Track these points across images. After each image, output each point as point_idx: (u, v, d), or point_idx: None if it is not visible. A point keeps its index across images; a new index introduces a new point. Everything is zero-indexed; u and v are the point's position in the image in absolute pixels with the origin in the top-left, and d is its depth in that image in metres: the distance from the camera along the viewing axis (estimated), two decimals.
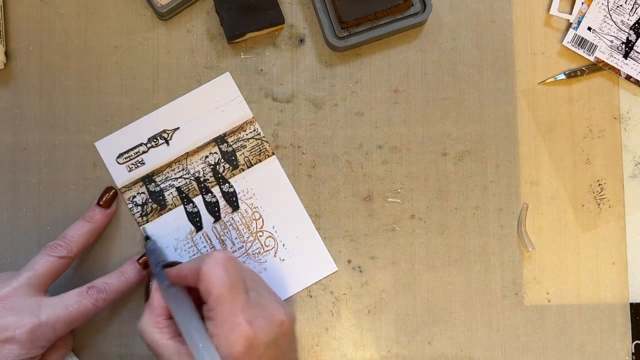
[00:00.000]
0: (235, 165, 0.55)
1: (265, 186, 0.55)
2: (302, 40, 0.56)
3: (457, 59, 0.56)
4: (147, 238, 0.53)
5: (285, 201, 0.55)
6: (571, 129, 0.56)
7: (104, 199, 0.53)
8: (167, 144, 0.55)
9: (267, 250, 0.55)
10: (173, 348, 0.44)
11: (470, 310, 0.55)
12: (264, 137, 0.55)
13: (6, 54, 0.55)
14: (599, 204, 0.56)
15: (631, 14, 0.56)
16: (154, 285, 0.48)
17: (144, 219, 0.54)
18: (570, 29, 0.56)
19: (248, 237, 0.55)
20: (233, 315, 0.42)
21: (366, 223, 0.55)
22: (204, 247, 0.54)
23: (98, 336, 0.54)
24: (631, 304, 0.55)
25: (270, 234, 0.55)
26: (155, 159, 0.55)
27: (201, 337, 0.43)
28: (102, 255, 0.54)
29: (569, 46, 0.56)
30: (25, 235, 0.54)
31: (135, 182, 0.55)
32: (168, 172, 0.55)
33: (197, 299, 0.46)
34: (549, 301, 0.55)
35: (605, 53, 0.56)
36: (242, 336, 0.42)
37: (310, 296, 0.55)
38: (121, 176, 0.55)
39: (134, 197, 0.55)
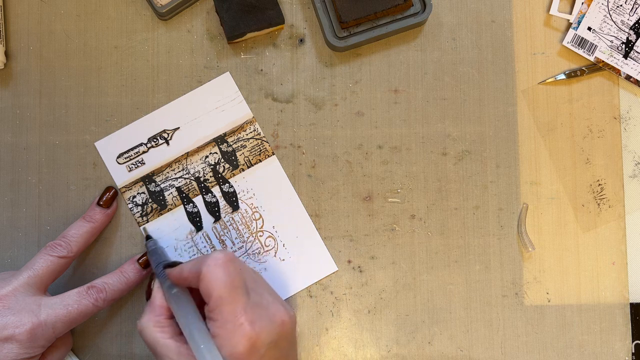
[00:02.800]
0: (235, 165, 0.55)
1: (265, 186, 0.55)
2: (302, 40, 0.56)
3: (457, 58, 0.56)
4: (147, 238, 0.53)
5: (285, 201, 0.55)
6: (571, 129, 0.56)
7: (104, 198, 0.53)
8: (167, 144, 0.55)
9: (267, 250, 0.55)
10: (174, 347, 0.44)
11: (470, 310, 0.55)
12: (264, 137, 0.55)
13: (6, 54, 0.55)
14: (599, 204, 0.56)
15: (631, 14, 0.56)
16: (156, 285, 0.48)
17: (144, 219, 0.54)
18: (570, 29, 0.56)
19: (248, 237, 0.55)
20: (235, 316, 0.42)
21: (366, 223, 0.55)
22: (204, 247, 0.54)
23: (98, 336, 0.54)
24: (631, 304, 0.55)
25: (270, 234, 0.55)
26: (155, 159, 0.55)
27: (203, 337, 0.43)
28: (102, 255, 0.54)
29: (569, 46, 0.56)
30: (25, 235, 0.54)
31: (135, 182, 0.55)
32: (168, 172, 0.55)
33: (198, 299, 0.46)
34: (549, 301, 0.55)
35: (605, 53, 0.56)
36: (244, 337, 0.42)
37: (311, 296, 0.55)
38: (121, 176, 0.55)
39: (134, 197, 0.55)
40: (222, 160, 0.55)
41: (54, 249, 0.49)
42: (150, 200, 0.55)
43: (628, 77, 0.56)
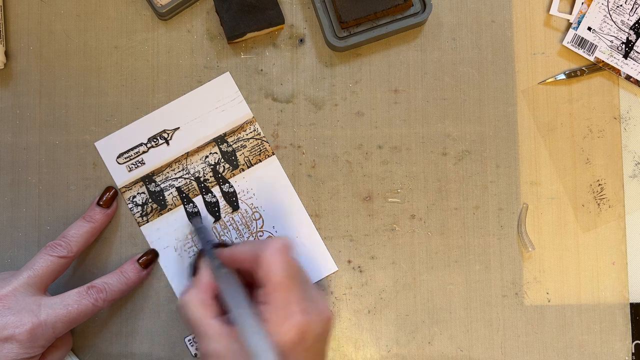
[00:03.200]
0: (235, 165, 0.55)
1: (265, 186, 0.55)
2: (302, 40, 0.56)
3: (457, 58, 0.56)
4: (194, 215, 0.53)
5: (285, 201, 0.55)
6: (571, 129, 0.56)
7: (104, 198, 0.53)
8: (167, 143, 0.55)
9: None
10: (216, 327, 0.43)
11: (470, 310, 0.55)
12: (264, 137, 0.55)
13: (6, 54, 0.55)
14: (599, 204, 0.56)
15: (631, 14, 0.56)
16: (204, 263, 0.47)
17: (144, 219, 0.54)
18: (570, 29, 0.56)
19: (248, 237, 0.55)
20: (289, 304, 0.42)
21: (366, 223, 0.55)
22: None
23: (98, 336, 0.54)
24: (631, 304, 0.55)
25: (271, 234, 0.55)
26: (155, 159, 0.55)
27: (252, 320, 0.42)
28: (102, 255, 0.54)
29: (569, 46, 0.56)
30: (25, 235, 0.54)
31: (135, 182, 0.55)
32: (168, 172, 0.55)
33: (243, 281, 0.46)
34: (549, 301, 0.55)
35: (605, 53, 0.56)
36: (296, 325, 0.42)
37: None
38: (121, 176, 0.55)
39: (134, 197, 0.55)
40: (222, 160, 0.55)
41: (54, 249, 0.49)
42: (150, 200, 0.55)
43: (628, 77, 0.56)
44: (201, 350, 0.44)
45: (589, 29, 0.56)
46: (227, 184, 0.55)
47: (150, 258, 0.53)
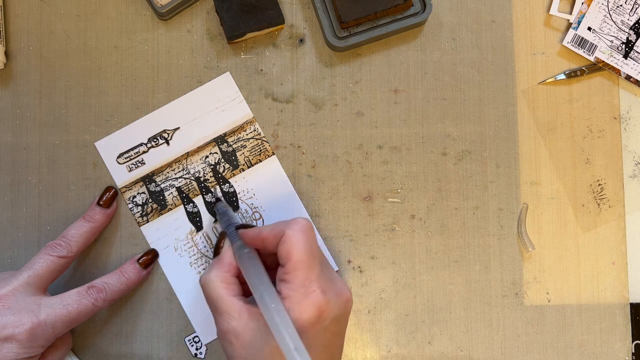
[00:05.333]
0: (235, 165, 0.55)
1: (265, 186, 0.55)
2: (302, 40, 0.56)
3: (457, 59, 0.56)
4: (217, 200, 0.54)
5: (286, 201, 0.55)
6: (571, 129, 0.56)
7: (104, 198, 0.53)
8: (167, 143, 0.55)
9: None
10: (237, 305, 0.44)
11: (470, 310, 0.55)
12: (264, 137, 0.55)
13: (6, 54, 0.55)
14: (599, 204, 0.56)
15: (631, 14, 0.56)
16: (226, 243, 0.48)
17: (144, 219, 0.54)
18: (570, 29, 0.56)
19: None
20: (309, 282, 0.42)
21: (366, 223, 0.55)
22: (204, 247, 0.54)
23: (98, 336, 0.54)
24: (631, 304, 0.55)
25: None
26: (155, 158, 0.55)
27: (273, 298, 0.42)
28: (102, 255, 0.54)
29: (569, 46, 0.56)
30: (25, 235, 0.54)
31: (135, 182, 0.55)
32: (168, 172, 0.55)
33: (264, 263, 0.46)
34: (549, 301, 0.55)
35: (605, 53, 0.56)
36: (315, 304, 0.42)
37: None
38: (121, 176, 0.55)
39: (134, 197, 0.55)
40: (222, 160, 0.55)
41: (54, 248, 0.49)
42: (150, 200, 0.55)
43: (628, 77, 0.56)
44: (220, 328, 0.44)
45: (589, 29, 0.56)
46: (227, 184, 0.55)
47: (150, 258, 0.53)
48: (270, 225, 0.46)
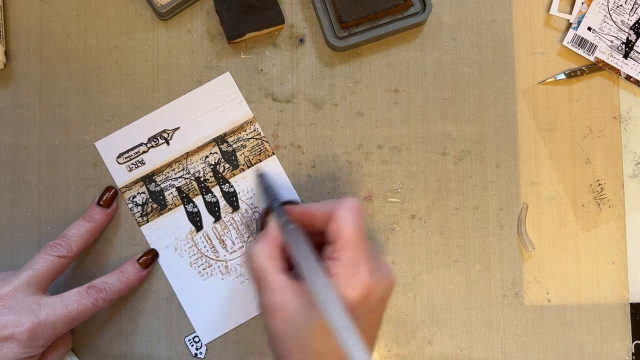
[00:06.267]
0: (235, 165, 0.55)
1: None
2: (302, 40, 0.56)
3: (457, 58, 0.56)
4: (261, 175, 0.53)
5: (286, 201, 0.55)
6: (571, 129, 0.56)
7: (104, 198, 0.53)
8: (167, 143, 0.55)
9: None
10: (282, 280, 0.43)
11: (470, 310, 0.55)
12: (264, 137, 0.55)
13: (6, 54, 0.55)
14: (599, 204, 0.56)
15: (631, 14, 0.56)
16: (273, 219, 0.46)
17: (144, 218, 0.54)
18: (570, 29, 0.56)
19: (248, 237, 0.55)
20: (358, 261, 0.42)
21: (366, 223, 0.55)
22: (204, 247, 0.54)
23: (98, 336, 0.54)
24: (631, 304, 0.55)
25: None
26: (155, 158, 0.55)
27: (321, 275, 0.41)
28: (102, 255, 0.54)
29: (569, 46, 0.56)
30: (25, 235, 0.54)
31: (135, 182, 0.55)
32: (168, 172, 0.55)
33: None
34: (549, 301, 0.55)
35: (605, 53, 0.56)
36: (363, 283, 0.42)
37: None
38: (121, 176, 0.55)
39: (134, 197, 0.55)
40: (222, 160, 0.55)
41: (54, 248, 0.49)
42: (150, 200, 0.55)
43: (628, 77, 0.56)
44: (263, 302, 0.44)
45: (589, 29, 0.56)
46: (227, 184, 0.55)
47: (150, 258, 0.53)
48: (318, 203, 0.46)
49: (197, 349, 0.54)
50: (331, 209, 0.44)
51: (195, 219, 0.55)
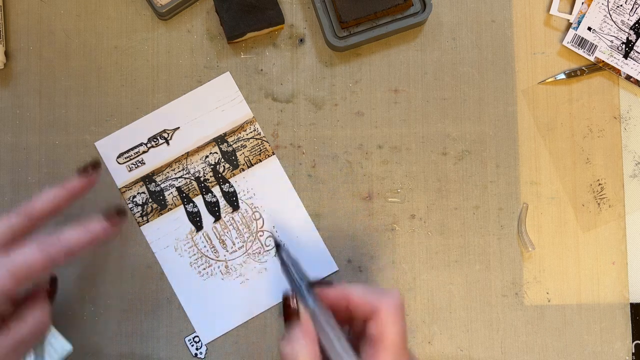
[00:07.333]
0: (235, 165, 0.55)
1: (265, 186, 0.55)
2: (302, 40, 0.56)
3: (457, 58, 0.56)
4: (278, 245, 0.46)
5: (285, 201, 0.55)
6: (571, 128, 0.56)
7: (84, 167, 0.47)
8: (167, 143, 0.55)
9: (267, 250, 0.55)
10: None
11: (470, 310, 0.55)
12: (264, 137, 0.55)
13: (6, 54, 0.55)
14: (599, 204, 0.56)
15: (631, 14, 0.56)
16: (304, 306, 0.42)
17: (144, 219, 0.54)
18: (570, 29, 0.56)
19: (248, 237, 0.55)
20: None
21: (366, 223, 0.55)
22: (204, 246, 0.54)
23: (98, 336, 0.54)
24: (631, 304, 0.55)
25: (271, 234, 0.55)
26: (155, 158, 0.55)
27: None
28: (102, 255, 0.54)
29: (569, 46, 0.56)
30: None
31: (135, 182, 0.55)
32: (168, 172, 0.55)
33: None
34: (549, 301, 0.55)
35: (605, 53, 0.56)
36: None
37: None
38: (121, 176, 0.55)
39: (134, 197, 0.55)
40: (222, 160, 0.55)
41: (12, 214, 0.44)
42: (150, 200, 0.55)
43: (628, 77, 0.56)
44: None
45: (589, 29, 0.56)
46: (227, 184, 0.55)
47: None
48: (358, 289, 0.42)
49: (197, 349, 0.54)
50: (375, 305, 0.41)
51: (195, 219, 0.55)
